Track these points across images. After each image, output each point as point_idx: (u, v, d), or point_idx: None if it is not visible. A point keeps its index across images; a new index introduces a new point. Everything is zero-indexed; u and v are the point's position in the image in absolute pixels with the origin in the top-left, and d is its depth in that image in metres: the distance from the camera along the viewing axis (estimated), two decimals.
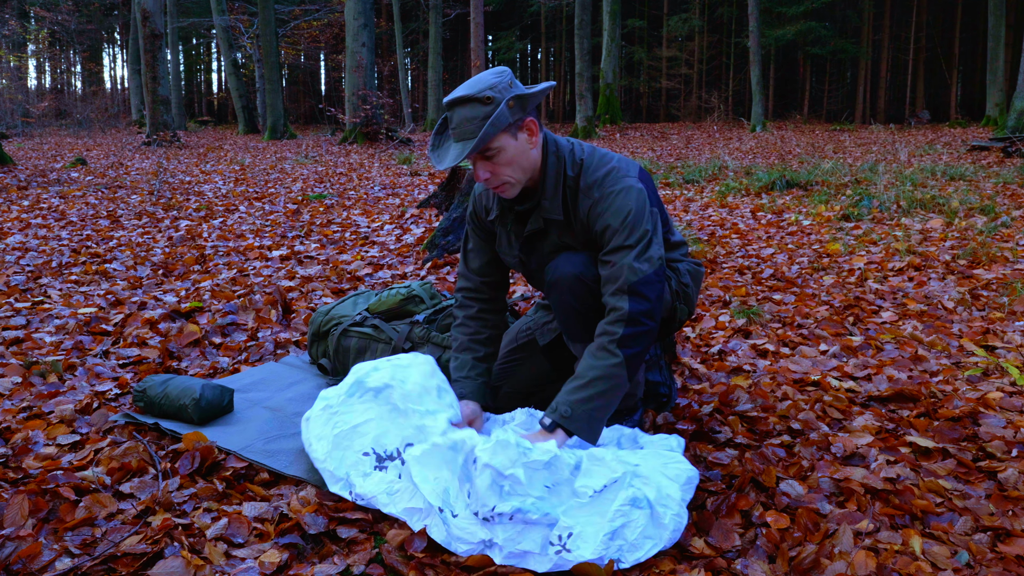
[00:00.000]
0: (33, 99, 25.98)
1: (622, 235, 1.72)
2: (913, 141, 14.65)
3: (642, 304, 1.68)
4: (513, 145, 1.72)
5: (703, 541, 1.58)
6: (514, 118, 1.70)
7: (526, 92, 1.72)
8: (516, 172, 1.75)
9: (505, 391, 2.11)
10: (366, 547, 1.55)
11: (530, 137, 1.76)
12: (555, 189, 1.80)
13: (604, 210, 1.74)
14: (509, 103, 1.68)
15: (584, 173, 1.79)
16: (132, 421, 2.11)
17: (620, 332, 1.67)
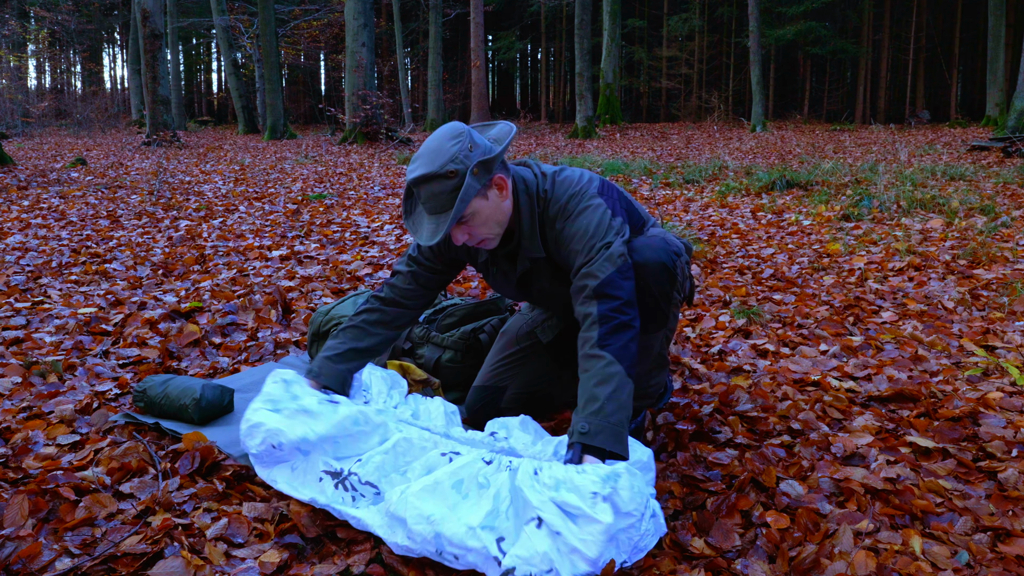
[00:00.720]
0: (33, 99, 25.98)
1: (583, 254, 1.72)
2: (913, 141, 14.65)
3: (610, 303, 1.66)
4: (485, 205, 1.71)
5: (703, 541, 1.58)
6: (481, 183, 1.68)
7: (488, 157, 1.68)
8: (493, 228, 1.76)
9: (511, 392, 2.11)
10: (366, 547, 1.55)
11: (500, 192, 1.75)
12: (531, 228, 1.81)
13: (568, 236, 1.75)
14: (474, 171, 1.65)
15: (549, 204, 1.79)
16: (132, 421, 2.11)
17: (596, 334, 1.63)
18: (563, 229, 1.77)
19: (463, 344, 2.32)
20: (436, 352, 2.34)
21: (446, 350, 2.33)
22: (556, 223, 1.78)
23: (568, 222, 1.76)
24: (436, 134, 1.71)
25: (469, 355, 2.31)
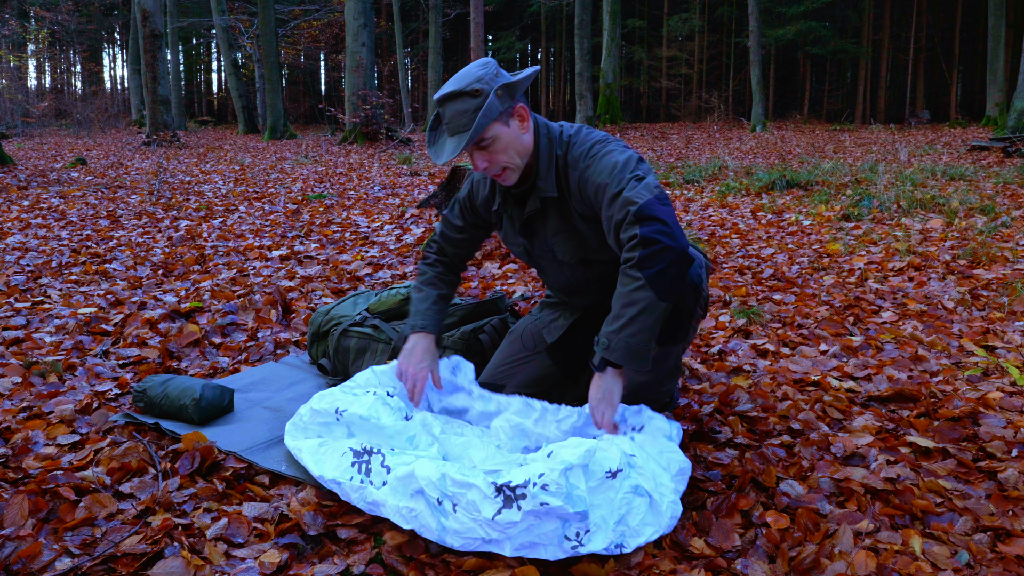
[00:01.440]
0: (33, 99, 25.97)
1: (614, 185, 1.71)
2: (913, 141, 14.65)
3: (653, 225, 1.64)
4: (506, 132, 1.77)
5: (703, 541, 1.58)
6: (504, 106, 1.75)
7: (512, 80, 1.76)
8: (513, 158, 1.80)
9: (508, 390, 2.11)
10: (366, 547, 1.55)
11: (521, 123, 1.80)
12: (548, 168, 1.83)
13: (592, 174, 1.76)
14: (497, 92, 1.73)
15: (571, 148, 1.83)
16: (132, 421, 2.11)
17: (637, 255, 1.63)
18: (588, 167, 1.77)
19: (463, 344, 2.32)
20: None
21: (446, 350, 2.33)
22: (580, 163, 1.79)
23: (595, 160, 1.77)
24: (466, 66, 1.80)
25: (469, 355, 2.31)
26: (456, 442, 1.78)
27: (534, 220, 1.92)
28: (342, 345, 2.46)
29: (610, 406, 1.70)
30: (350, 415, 1.76)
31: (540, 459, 1.52)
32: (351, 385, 1.94)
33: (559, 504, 1.41)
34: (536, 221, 1.92)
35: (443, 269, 2.13)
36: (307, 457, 1.76)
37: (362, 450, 1.67)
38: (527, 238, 1.96)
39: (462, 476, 1.47)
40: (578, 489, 1.45)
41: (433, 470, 1.50)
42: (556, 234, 1.89)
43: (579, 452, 1.49)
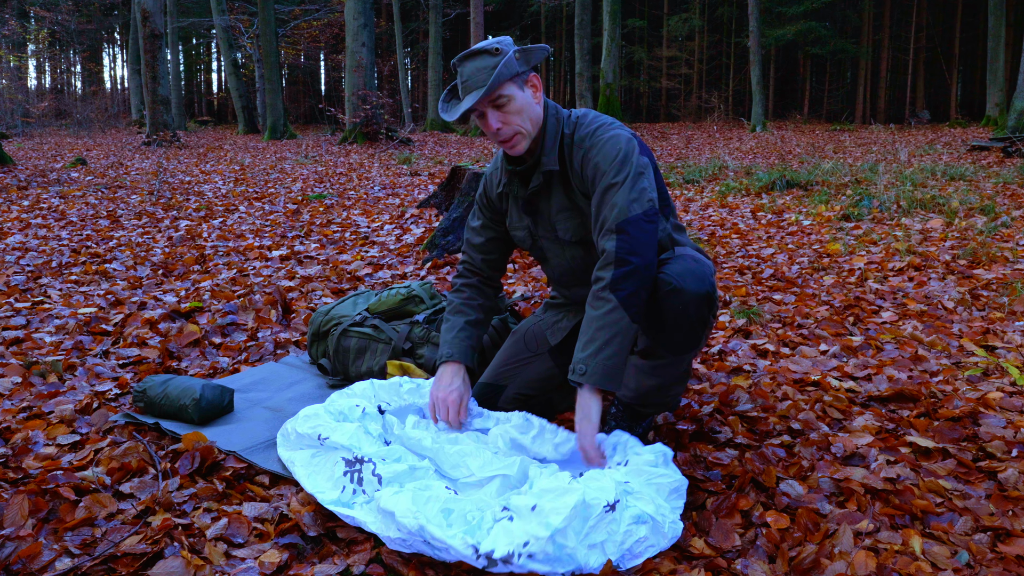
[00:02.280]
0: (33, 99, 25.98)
1: (610, 174, 1.74)
2: (913, 141, 14.65)
3: (627, 242, 1.68)
4: (521, 95, 1.80)
5: (703, 541, 1.58)
6: (521, 68, 1.79)
7: (530, 47, 1.81)
8: (525, 122, 1.82)
9: (509, 391, 2.11)
10: (366, 547, 1.55)
11: (535, 92, 1.84)
12: (553, 144, 1.85)
13: (594, 155, 1.78)
14: (516, 54, 1.78)
15: (578, 127, 1.86)
16: (132, 421, 2.11)
17: (609, 276, 1.68)
18: (592, 147, 1.79)
19: None
20: (436, 352, 2.34)
21: None
22: (585, 141, 1.81)
23: (599, 141, 1.79)
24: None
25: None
26: (451, 450, 1.76)
27: (538, 197, 1.93)
28: (342, 345, 2.46)
29: (590, 424, 1.71)
30: (332, 443, 1.74)
31: (524, 512, 1.45)
32: (343, 400, 1.91)
33: (548, 570, 1.40)
34: (540, 198, 1.93)
35: (472, 292, 2.11)
36: (300, 471, 1.75)
37: (354, 459, 1.66)
38: (531, 216, 1.97)
39: (440, 533, 1.42)
40: (567, 547, 1.42)
41: (411, 518, 1.45)
42: (559, 211, 1.91)
43: (566, 510, 1.42)
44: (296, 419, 1.87)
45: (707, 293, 1.75)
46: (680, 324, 1.75)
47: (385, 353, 2.39)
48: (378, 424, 1.87)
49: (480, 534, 1.44)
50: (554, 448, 1.81)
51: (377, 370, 2.38)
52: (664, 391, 1.90)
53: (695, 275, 1.74)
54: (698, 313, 1.76)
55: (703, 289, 1.74)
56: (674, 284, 1.73)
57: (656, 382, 1.86)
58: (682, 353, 1.82)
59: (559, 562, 1.41)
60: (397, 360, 2.35)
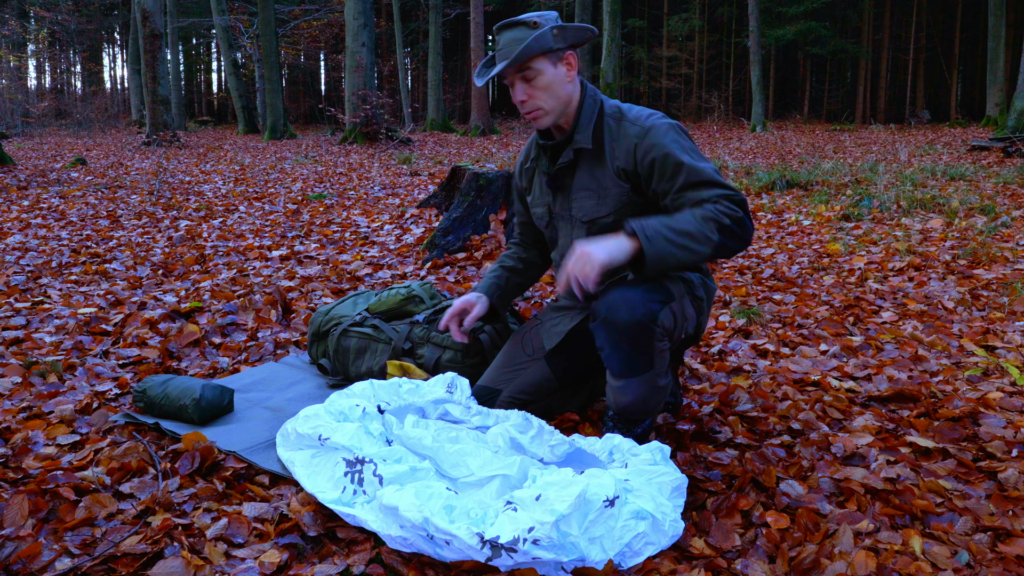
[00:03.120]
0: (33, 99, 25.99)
1: (676, 160, 1.77)
2: (913, 141, 14.65)
3: (749, 221, 1.73)
4: (552, 71, 1.82)
5: (703, 541, 1.58)
6: (556, 45, 1.79)
7: (570, 25, 1.82)
8: (550, 100, 1.83)
9: (504, 395, 2.10)
10: (366, 547, 1.55)
11: (568, 71, 1.85)
12: (588, 123, 1.87)
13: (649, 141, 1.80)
14: (553, 31, 1.79)
15: (626, 111, 1.88)
16: (132, 421, 2.11)
17: (727, 222, 1.69)
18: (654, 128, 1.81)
19: (462, 344, 2.32)
20: (436, 352, 2.34)
21: (446, 350, 2.33)
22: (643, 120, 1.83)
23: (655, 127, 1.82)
24: None
25: (469, 354, 2.31)
26: (451, 450, 1.76)
27: (564, 173, 1.95)
28: (342, 345, 2.46)
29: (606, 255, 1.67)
30: (332, 443, 1.74)
31: (529, 502, 1.46)
32: (343, 400, 1.92)
33: (552, 557, 1.40)
34: (565, 175, 1.95)
35: (516, 249, 2.27)
36: (300, 471, 1.75)
37: (355, 459, 1.66)
38: (553, 192, 2.00)
39: (445, 524, 1.43)
40: (571, 536, 1.43)
41: (415, 512, 1.46)
42: (580, 190, 1.93)
43: (570, 498, 1.43)
44: (296, 419, 1.87)
45: (637, 321, 1.70)
46: (618, 352, 1.75)
47: (385, 353, 2.39)
48: (379, 423, 1.87)
49: (484, 526, 1.45)
50: (550, 450, 1.80)
51: (377, 370, 2.38)
52: (642, 403, 1.87)
53: (628, 303, 1.71)
54: (632, 342, 1.73)
55: (632, 318, 1.70)
56: (604, 315, 1.73)
57: (629, 399, 1.85)
58: (631, 377, 1.80)
59: (563, 550, 1.41)
60: (397, 360, 2.34)
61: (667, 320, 1.78)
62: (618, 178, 1.86)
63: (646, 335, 1.74)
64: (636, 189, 1.88)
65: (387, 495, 1.52)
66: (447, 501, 1.50)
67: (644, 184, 1.84)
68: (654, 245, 1.66)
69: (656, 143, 1.79)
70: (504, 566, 1.42)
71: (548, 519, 1.40)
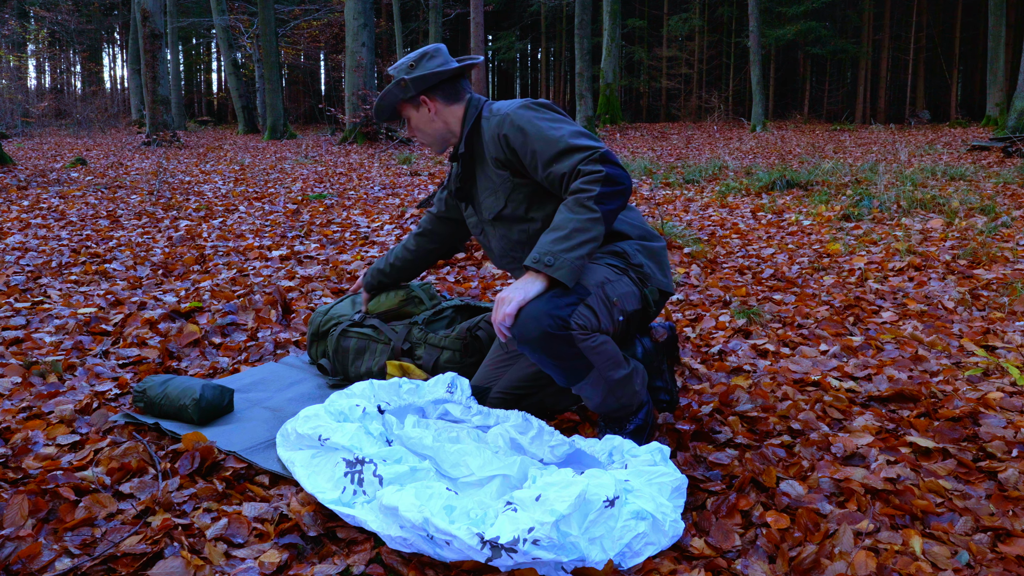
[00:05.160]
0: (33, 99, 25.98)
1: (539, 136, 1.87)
2: (913, 141, 14.65)
3: (615, 169, 1.80)
4: (415, 114, 2.09)
5: (703, 541, 1.58)
6: (406, 95, 2.04)
7: (417, 76, 2.02)
8: (424, 136, 2.12)
9: (493, 393, 2.11)
10: (366, 547, 1.55)
11: (430, 112, 2.06)
12: (465, 131, 2.06)
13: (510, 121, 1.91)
14: (400, 83, 2.03)
15: (493, 108, 2.02)
16: (132, 421, 2.11)
17: (597, 190, 1.76)
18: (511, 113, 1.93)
19: (460, 343, 2.32)
20: (434, 353, 2.34)
21: (443, 350, 2.33)
22: (503, 109, 1.96)
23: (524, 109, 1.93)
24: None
25: (468, 353, 2.31)
26: (451, 450, 1.76)
27: (466, 183, 2.12)
28: (341, 345, 2.46)
29: (522, 295, 1.72)
30: (332, 443, 1.74)
31: (529, 503, 1.46)
32: (343, 400, 1.93)
33: (552, 557, 1.40)
34: (467, 183, 2.12)
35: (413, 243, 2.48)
36: (300, 471, 1.75)
37: (355, 460, 1.67)
38: (465, 201, 2.17)
39: (445, 524, 1.43)
40: (571, 536, 1.43)
41: (415, 512, 1.46)
42: (481, 192, 2.08)
43: (570, 499, 1.44)
44: (296, 419, 1.87)
45: (545, 334, 1.70)
46: (550, 366, 1.79)
47: (384, 353, 2.39)
48: (379, 424, 1.87)
49: (484, 526, 1.45)
50: (550, 451, 1.81)
51: (376, 370, 2.38)
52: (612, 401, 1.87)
53: (534, 319, 1.70)
54: (554, 354, 1.74)
55: (540, 332, 1.70)
56: (517, 336, 1.74)
57: (595, 402, 1.87)
58: (578, 383, 1.81)
59: (563, 550, 1.41)
60: (397, 360, 2.34)
61: (583, 318, 1.75)
62: (497, 168, 1.98)
63: (563, 342, 1.72)
64: (516, 173, 1.97)
65: (387, 495, 1.52)
66: (447, 501, 1.50)
67: (519, 167, 1.95)
68: (559, 266, 1.72)
69: (512, 126, 1.91)
70: (504, 566, 1.42)
71: (548, 519, 1.40)
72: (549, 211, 1.97)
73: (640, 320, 1.99)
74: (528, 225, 2.01)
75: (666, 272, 2.04)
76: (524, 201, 1.99)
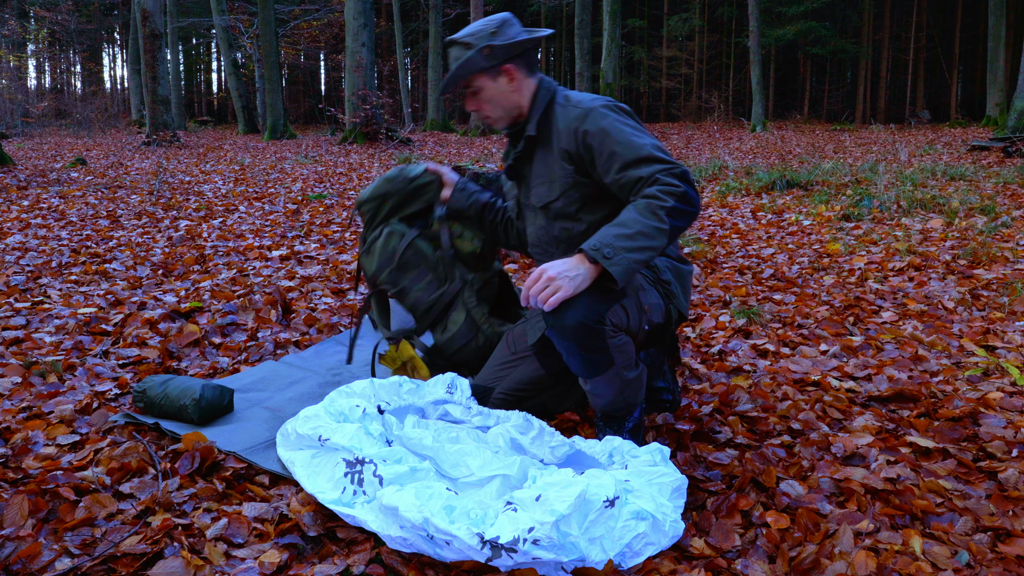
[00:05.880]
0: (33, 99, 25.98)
1: (618, 140, 1.81)
2: (913, 141, 14.65)
3: (692, 191, 1.74)
4: (492, 86, 1.96)
5: (703, 541, 1.58)
6: (488, 63, 1.92)
7: (502, 43, 1.91)
8: (496, 109, 1.99)
9: (496, 394, 2.11)
10: (366, 547, 1.55)
11: (510, 82, 1.96)
12: (537, 112, 1.97)
13: (591, 120, 1.85)
14: (483, 51, 1.90)
15: (571, 97, 1.95)
16: (132, 421, 2.11)
17: (671, 203, 1.71)
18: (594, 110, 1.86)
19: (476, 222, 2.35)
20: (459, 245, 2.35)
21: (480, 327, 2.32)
22: (584, 103, 1.89)
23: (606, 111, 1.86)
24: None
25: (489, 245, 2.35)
26: (451, 450, 1.77)
27: (521, 163, 2.04)
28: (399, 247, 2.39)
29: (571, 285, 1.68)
30: (333, 444, 1.74)
31: (528, 503, 1.47)
32: (343, 400, 1.92)
33: (552, 557, 1.40)
34: (523, 164, 2.04)
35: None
36: (300, 471, 1.75)
37: (355, 460, 1.67)
38: (516, 181, 2.10)
39: (445, 524, 1.43)
40: (571, 536, 1.43)
41: (415, 512, 1.46)
42: (535, 178, 2.02)
43: (570, 499, 1.44)
44: (296, 419, 1.87)
45: (582, 324, 1.71)
46: (574, 355, 1.79)
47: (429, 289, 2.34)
48: (379, 424, 1.87)
49: (484, 526, 1.45)
50: (551, 451, 1.81)
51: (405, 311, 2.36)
52: (619, 399, 1.88)
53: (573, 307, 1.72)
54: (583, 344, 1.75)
55: (577, 321, 1.71)
56: (551, 322, 1.75)
57: (604, 398, 1.87)
58: (595, 376, 1.83)
59: (563, 550, 1.41)
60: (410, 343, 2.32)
61: (617, 317, 1.78)
62: (563, 160, 1.93)
63: (595, 335, 1.75)
64: (582, 171, 1.92)
65: (387, 495, 1.52)
66: (447, 501, 1.50)
67: (588, 166, 1.89)
68: (616, 262, 1.66)
69: (595, 123, 1.85)
70: (504, 566, 1.42)
71: (548, 519, 1.41)
72: (599, 217, 1.93)
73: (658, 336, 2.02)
74: (573, 225, 1.97)
75: (687, 296, 2.06)
76: (578, 201, 1.94)
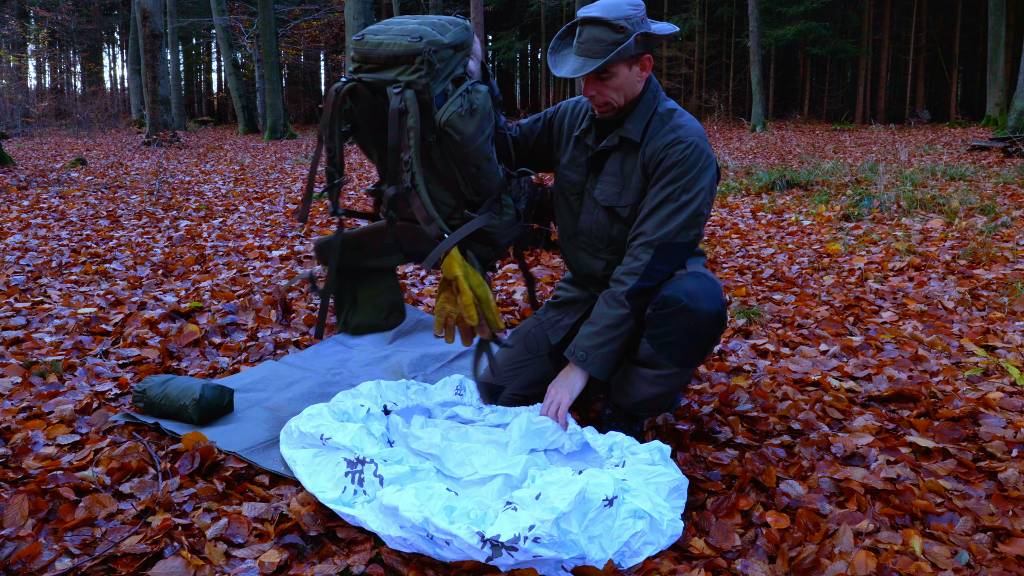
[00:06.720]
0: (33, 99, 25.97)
1: (677, 185, 1.82)
2: (913, 141, 14.65)
3: (660, 262, 1.80)
4: (626, 74, 1.86)
5: (703, 541, 1.58)
6: (636, 52, 1.83)
7: (654, 33, 1.83)
8: (620, 97, 1.89)
9: (507, 392, 2.11)
10: (366, 547, 1.55)
11: (642, 71, 1.89)
12: (643, 116, 1.90)
13: (675, 154, 1.84)
14: (638, 38, 1.80)
15: (675, 115, 1.91)
16: (132, 421, 2.10)
17: (631, 285, 1.81)
18: (677, 142, 1.84)
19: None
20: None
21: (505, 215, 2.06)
22: (677, 130, 1.86)
23: (685, 137, 1.84)
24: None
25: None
26: (458, 448, 1.77)
27: (604, 155, 1.97)
28: None
29: (568, 395, 1.86)
30: (334, 443, 1.75)
31: (528, 501, 1.47)
32: (348, 400, 1.93)
33: (553, 555, 1.41)
34: (606, 157, 1.97)
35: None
36: (301, 470, 1.75)
37: (355, 459, 1.67)
38: (590, 169, 2.00)
39: (445, 524, 1.43)
40: (571, 533, 1.43)
41: (415, 512, 1.46)
42: (608, 175, 1.96)
43: (570, 497, 1.45)
44: (300, 417, 1.87)
45: (719, 312, 1.80)
46: (690, 340, 1.81)
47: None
48: (382, 424, 1.87)
49: (484, 525, 1.45)
50: (568, 437, 1.85)
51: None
52: (664, 399, 1.93)
53: (708, 295, 1.79)
54: (708, 332, 1.81)
55: (715, 308, 1.79)
56: (685, 303, 1.77)
57: (659, 391, 1.89)
58: (688, 366, 1.87)
59: (563, 547, 1.41)
60: (461, 256, 2.10)
61: (727, 314, 1.88)
62: (642, 172, 1.90)
63: (720, 327, 1.83)
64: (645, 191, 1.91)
65: (387, 495, 1.52)
66: (447, 501, 1.50)
67: (647, 186, 1.90)
68: (591, 362, 1.86)
69: (678, 162, 1.82)
70: (504, 565, 1.42)
71: (548, 517, 1.41)
72: None
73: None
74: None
75: None
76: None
